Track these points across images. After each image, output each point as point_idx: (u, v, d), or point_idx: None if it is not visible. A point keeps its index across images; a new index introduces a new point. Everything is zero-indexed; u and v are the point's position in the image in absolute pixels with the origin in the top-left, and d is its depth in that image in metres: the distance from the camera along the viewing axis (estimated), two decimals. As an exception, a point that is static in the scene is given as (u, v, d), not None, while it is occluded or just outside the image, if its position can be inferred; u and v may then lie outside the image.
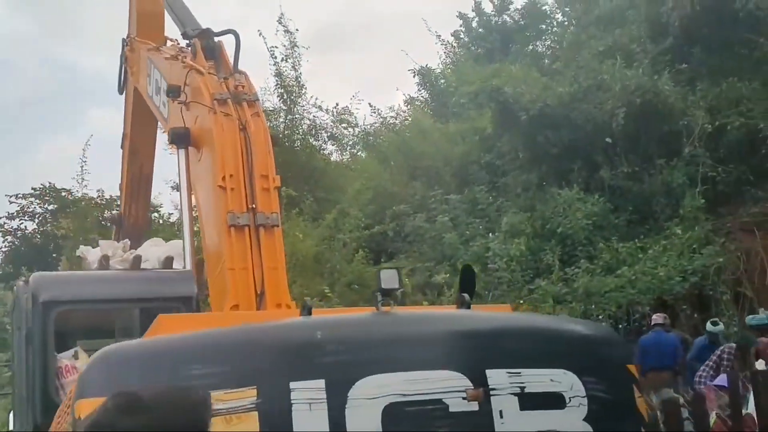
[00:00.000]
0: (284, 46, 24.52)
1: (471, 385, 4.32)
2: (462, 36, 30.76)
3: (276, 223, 6.46)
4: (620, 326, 15.74)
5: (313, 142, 25.53)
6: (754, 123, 17.43)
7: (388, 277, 4.63)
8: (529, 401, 4.43)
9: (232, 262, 6.31)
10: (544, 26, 29.71)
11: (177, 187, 15.78)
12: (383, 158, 25.79)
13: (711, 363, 11.87)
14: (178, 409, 2.46)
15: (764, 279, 15.95)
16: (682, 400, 9.12)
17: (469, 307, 5.19)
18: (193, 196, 7.36)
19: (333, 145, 27.55)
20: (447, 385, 4.32)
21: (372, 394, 4.19)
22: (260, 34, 24.93)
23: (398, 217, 21.56)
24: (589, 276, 16.60)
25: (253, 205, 6.42)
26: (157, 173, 11.25)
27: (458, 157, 23.37)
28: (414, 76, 29.49)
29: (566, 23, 28.42)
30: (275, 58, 24.34)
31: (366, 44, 59.26)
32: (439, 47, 30.60)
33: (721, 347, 12.22)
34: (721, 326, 13.79)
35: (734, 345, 12.01)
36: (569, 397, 4.51)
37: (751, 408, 8.00)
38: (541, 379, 4.52)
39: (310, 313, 4.72)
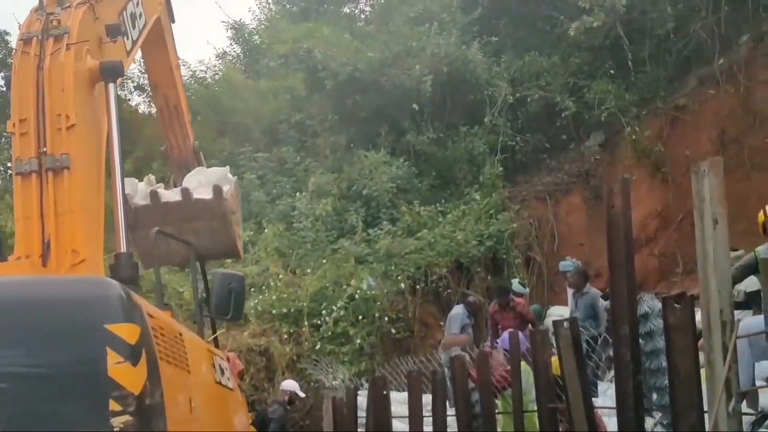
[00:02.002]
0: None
1: None
2: (277, -8, 30.36)
3: (66, 165, 6.12)
4: (418, 287, 16.16)
5: (119, 92, 24.52)
6: (551, 96, 18.25)
7: None
8: None
9: (18, 212, 6.01)
10: (358, -12, 29.76)
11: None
12: (192, 113, 25.05)
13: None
14: None
15: (553, 245, 16.86)
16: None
17: None
18: None
19: (140, 96, 26.66)
20: None
21: None
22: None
23: (205, 173, 21.13)
24: (391, 238, 16.98)
25: (44, 149, 6.09)
26: None
27: (268, 115, 23.16)
28: (227, 30, 28.92)
29: (380, -13, 28.60)
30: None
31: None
32: (253, 2, 30.14)
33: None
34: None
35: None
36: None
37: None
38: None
39: None
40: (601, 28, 17.51)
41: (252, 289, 16.37)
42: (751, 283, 8.55)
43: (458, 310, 13.87)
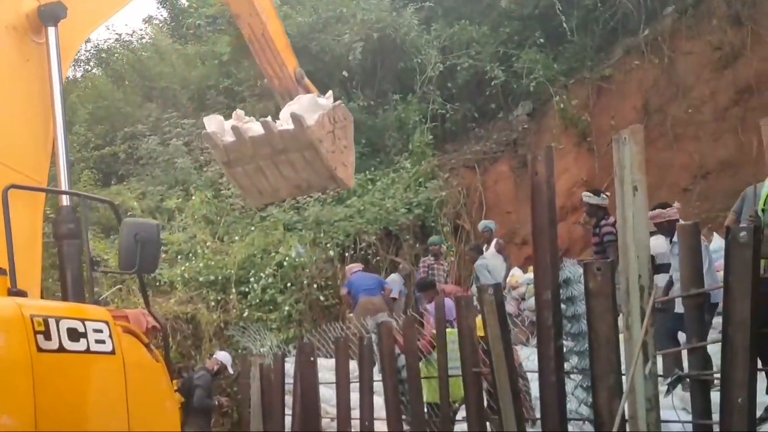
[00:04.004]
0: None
1: None
2: (205, -46, 29.80)
3: None
4: (347, 255, 16.18)
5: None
6: (481, 65, 18.31)
7: None
8: None
9: None
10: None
11: None
12: (117, 77, 24.65)
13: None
14: None
15: (481, 213, 17.00)
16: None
17: None
18: None
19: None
20: None
21: None
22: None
23: (131, 138, 20.82)
24: (320, 205, 16.96)
25: None
26: None
27: (196, 81, 22.79)
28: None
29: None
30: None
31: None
32: (180, -35, 29.50)
33: None
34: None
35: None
36: None
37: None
38: None
39: None
40: (531, -3, 17.66)
41: (179, 257, 16.23)
42: (656, 245, 8.66)
43: (395, 277, 14.17)
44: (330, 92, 9.12)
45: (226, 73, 21.84)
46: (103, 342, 4.76)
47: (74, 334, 4.59)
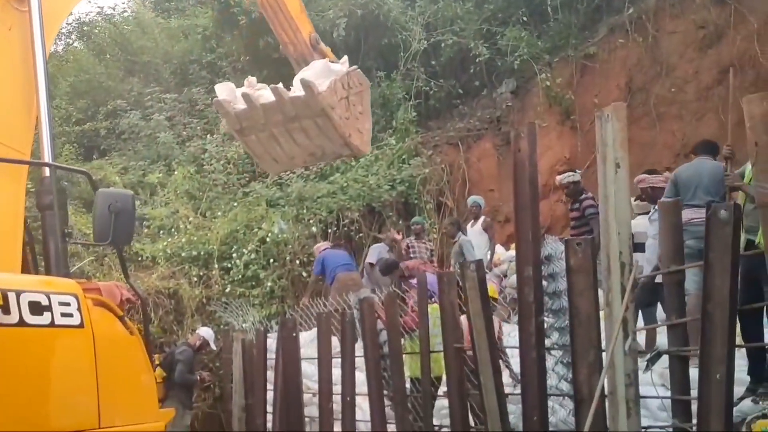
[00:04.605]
0: None
1: None
2: (189, -71, 29.53)
3: None
4: (330, 231, 16.18)
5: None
6: (465, 42, 18.26)
7: None
8: None
9: None
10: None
11: None
12: (99, 51, 24.46)
13: None
14: None
15: (464, 190, 17.01)
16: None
17: None
18: None
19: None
20: None
21: None
22: None
23: (113, 113, 20.71)
24: (303, 181, 16.93)
25: None
26: None
27: (179, 55, 22.69)
28: (136, -34, 28.06)
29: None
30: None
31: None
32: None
33: None
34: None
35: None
36: None
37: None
38: None
39: None
40: (516, -26, 17.60)
41: (161, 232, 16.19)
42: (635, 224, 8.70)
43: (378, 245, 14.13)
44: (345, 57, 8.97)
45: (208, 47, 21.74)
46: (70, 315, 4.68)
47: (37, 308, 4.52)
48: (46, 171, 5.67)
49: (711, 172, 7.89)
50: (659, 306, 8.35)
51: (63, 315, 4.65)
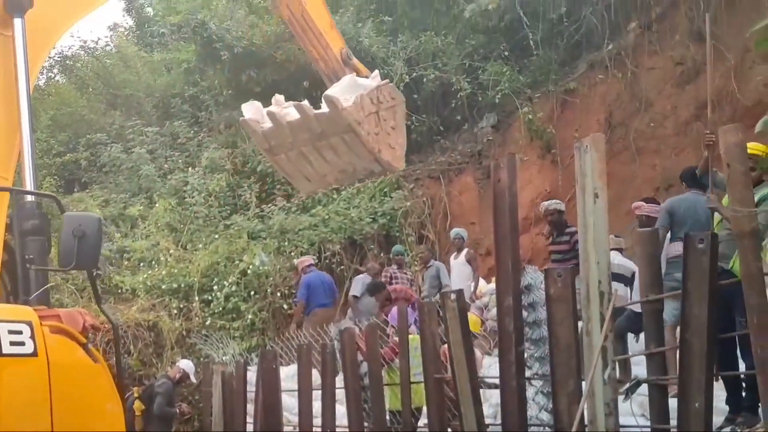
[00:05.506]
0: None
1: None
2: (172, -37, 29.70)
3: None
4: (311, 263, 16.16)
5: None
6: (447, 77, 18.41)
7: None
8: None
9: None
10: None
11: None
12: (81, 84, 24.49)
13: None
14: None
15: (446, 223, 17.06)
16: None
17: None
18: None
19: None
20: None
21: None
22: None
23: (94, 145, 20.69)
24: (285, 214, 16.94)
25: None
26: None
27: (161, 89, 22.76)
28: (119, 1, 28.16)
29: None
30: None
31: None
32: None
33: None
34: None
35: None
36: None
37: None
38: None
39: None
40: (496, 10, 17.76)
41: (141, 264, 16.12)
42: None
43: (361, 276, 14.09)
44: (376, 72, 8.79)
45: (191, 81, 21.82)
46: (21, 344, 4.54)
47: None
48: (31, 184, 5.62)
49: (706, 211, 7.92)
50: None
51: (13, 344, 4.50)
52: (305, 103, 8.26)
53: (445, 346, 7.22)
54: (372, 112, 8.09)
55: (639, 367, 7.48)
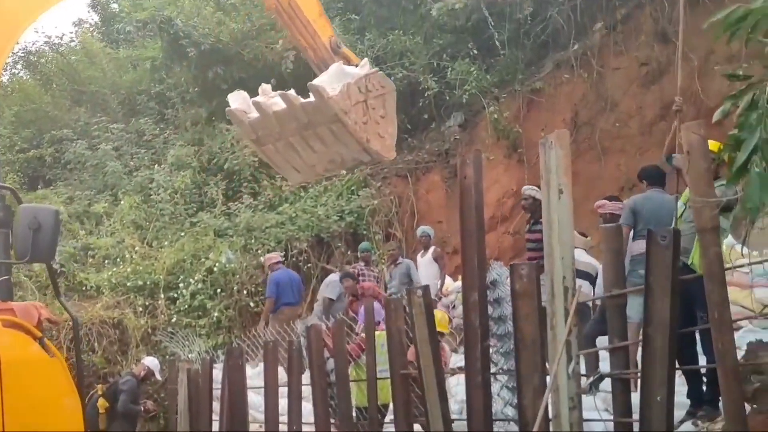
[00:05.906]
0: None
1: None
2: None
3: None
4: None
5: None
6: (414, 76, 18.43)
7: None
8: None
9: None
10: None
11: None
12: (46, 80, 24.26)
13: None
14: None
15: (413, 222, 17.10)
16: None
17: None
18: None
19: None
20: None
21: None
22: None
23: (58, 142, 20.51)
24: (251, 212, 16.89)
25: None
26: None
27: (127, 86, 22.60)
28: (84, -4, 27.89)
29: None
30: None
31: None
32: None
33: None
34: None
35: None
36: None
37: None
38: None
39: None
40: (463, 9, 17.80)
41: (106, 261, 16.00)
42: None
43: (334, 277, 14.00)
44: (365, 60, 8.63)
45: (157, 78, 21.68)
46: None
47: None
48: None
49: (669, 208, 7.98)
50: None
51: None
52: (291, 92, 8.17)
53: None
54: (360, 101, 7.98)
55: (603, 363, 7.56)
